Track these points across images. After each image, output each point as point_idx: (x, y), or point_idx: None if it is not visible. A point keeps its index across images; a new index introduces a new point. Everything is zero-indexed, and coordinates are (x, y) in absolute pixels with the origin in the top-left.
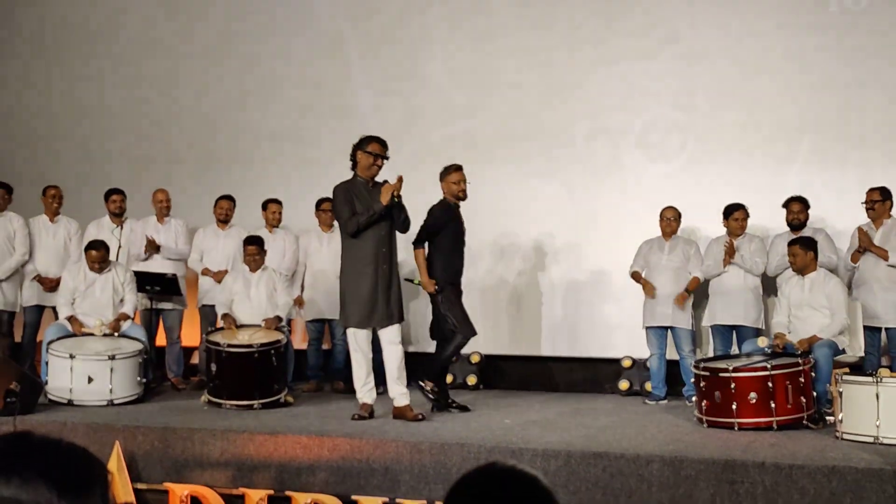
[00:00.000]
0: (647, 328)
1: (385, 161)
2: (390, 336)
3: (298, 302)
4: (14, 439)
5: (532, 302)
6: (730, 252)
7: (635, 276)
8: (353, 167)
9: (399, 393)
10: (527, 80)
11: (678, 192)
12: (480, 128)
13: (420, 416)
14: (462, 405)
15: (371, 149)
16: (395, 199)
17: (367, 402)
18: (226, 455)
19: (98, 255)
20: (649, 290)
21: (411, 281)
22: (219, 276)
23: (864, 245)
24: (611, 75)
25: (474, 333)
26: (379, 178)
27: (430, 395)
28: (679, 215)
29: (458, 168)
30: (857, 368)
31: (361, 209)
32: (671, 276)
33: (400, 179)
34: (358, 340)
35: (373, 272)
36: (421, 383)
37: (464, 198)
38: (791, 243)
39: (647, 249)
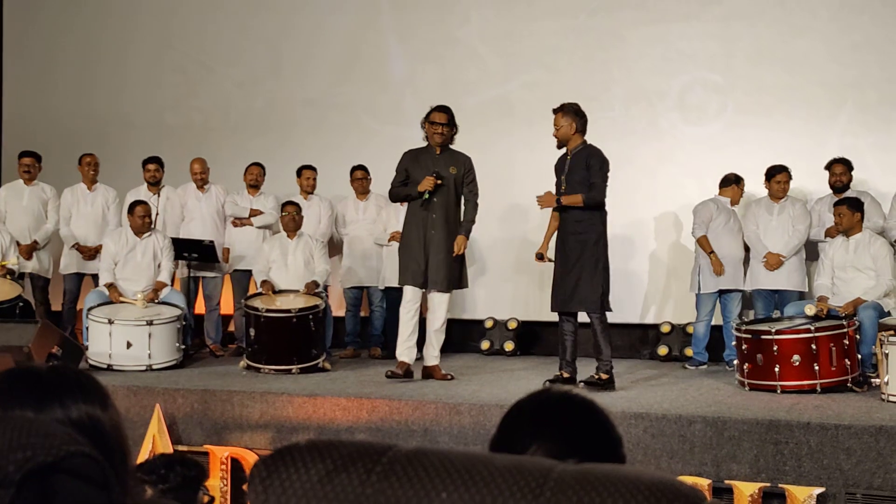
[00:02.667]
0: (701, 294)
1: (447, 128)
2: (435, 302)
3: None
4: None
5: None
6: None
7: (703, 240)
8: (426, 136)
9: (431, 355)
10: (563, 43)
11: (717, 156)
12: (516, 92)
13: (449, 376)
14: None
15: (432, 118)
16: (427, 195)
17: (405, 360)
18: (265, 417)
19: (145, 209)
20: (718, 266)
21: None
22: (255, 213)
23: None
24: (649, 37)
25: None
26: (457, 147)
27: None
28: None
29: None
30: None
31: (415, 178)
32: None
33: (433, 183)
34: (405, 297)
35: (422, 236)
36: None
37: None
38: (838, 203)
39: (719, 211)
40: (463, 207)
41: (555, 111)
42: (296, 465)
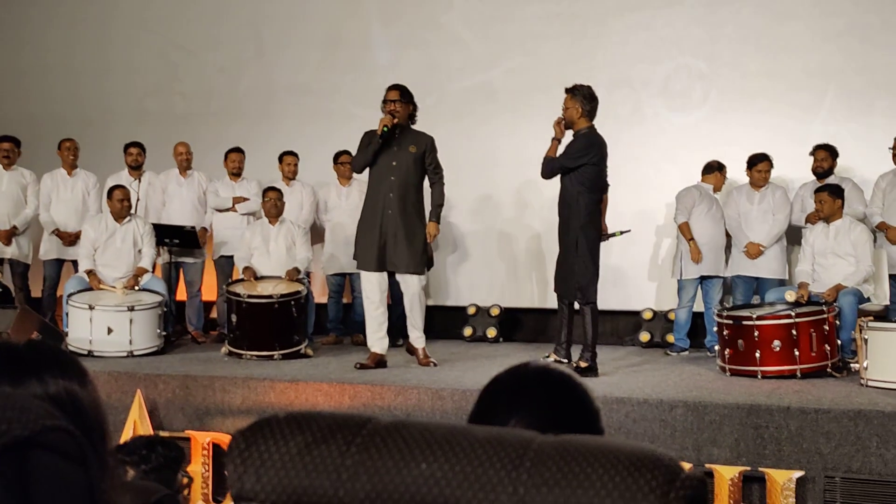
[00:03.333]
0: (683, 280)
1: (401, 104)
2: (405, 285)
3: None
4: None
5: (552, 254)
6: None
7: (685, 227)
8: None
9: (413, 336)
10: (547, 29)
11: (701, 142)
12: (500, 79)
13: (432, 363)
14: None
15: (386, 97)
16: (384, 130)
17: (376, 351)
18: (247, 402)
19: (123, 192)
20: (696, 254)
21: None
22: (238, 200)
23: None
24: (633, 24)
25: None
26: (419, 128)
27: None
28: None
29: None
30: (882, 317)
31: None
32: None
33: (389, 119)
34: (365, 284)
35: (379, 216)
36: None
37: None
38: (819, 190)
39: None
40: (426, 191)
41: (566, 91)
42: (274, 436)
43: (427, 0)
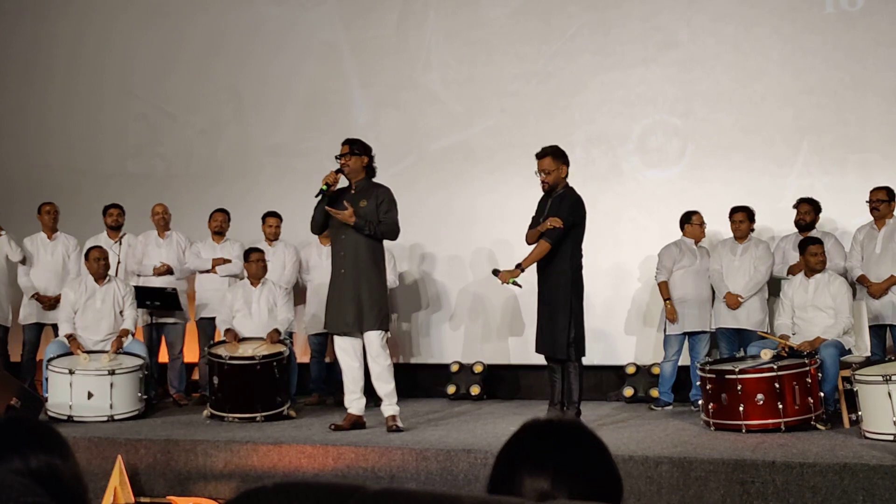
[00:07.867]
0: (668, 334)
1: (349, 157)
2: (367, 345)
3: None
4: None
5: (534, 310)
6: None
7: (663, 286)
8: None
9: (383, 405)
10: (524, 88)
11: (678, 198)
12: (479, 137)
13: (395, 426)
14: None
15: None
16: (322, 188)
17: (352, 412)
18: (229, 466)
19: (100, 252)
20: (672, 314)
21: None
22: (218, 262)
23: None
24: (608, 82)
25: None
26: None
27: None
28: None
29: None
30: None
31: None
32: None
33: (332, 176)
34: (337, 346)
35: (335, 276)
36: None
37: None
38: (810, 243)
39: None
40: (377, 244)
41: (540, 156)
42: None
43: (405, 61)
